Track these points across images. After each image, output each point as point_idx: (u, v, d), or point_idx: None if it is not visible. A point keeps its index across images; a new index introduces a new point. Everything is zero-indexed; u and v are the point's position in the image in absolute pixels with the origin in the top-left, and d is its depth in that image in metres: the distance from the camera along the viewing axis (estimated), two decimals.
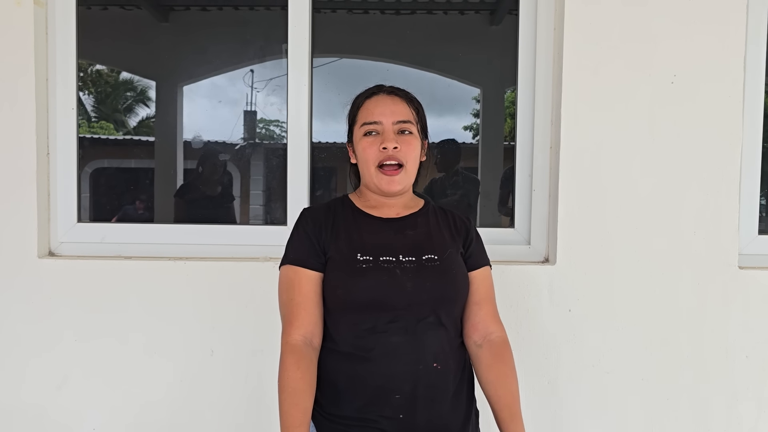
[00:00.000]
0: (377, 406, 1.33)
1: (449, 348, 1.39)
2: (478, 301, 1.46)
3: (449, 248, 1.43)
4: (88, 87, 3.96)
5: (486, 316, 1.46)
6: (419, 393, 1.33)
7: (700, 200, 1.94)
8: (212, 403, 1.99)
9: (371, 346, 1.33)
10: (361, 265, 1.35)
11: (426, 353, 1.34)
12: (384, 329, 1.33)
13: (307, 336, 1.35)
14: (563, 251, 1.95)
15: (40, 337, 1.98)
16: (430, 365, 1.34)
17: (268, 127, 3.78)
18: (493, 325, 1.46)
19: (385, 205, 1.48)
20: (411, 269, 1.36)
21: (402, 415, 1.32)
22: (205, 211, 3.15)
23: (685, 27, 1.92)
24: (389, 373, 1.33)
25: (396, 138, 1.41)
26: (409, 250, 1.39)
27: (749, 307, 1.97)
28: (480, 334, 1.44)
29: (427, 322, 1.35)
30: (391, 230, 1.44)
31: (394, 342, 1.33)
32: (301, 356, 1.33)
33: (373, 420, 1.33)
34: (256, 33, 3.29)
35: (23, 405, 1.99)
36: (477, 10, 3.47)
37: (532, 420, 1.98)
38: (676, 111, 1.93)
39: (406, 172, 1.43)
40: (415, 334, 1.34)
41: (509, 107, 3.35)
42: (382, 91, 1.47)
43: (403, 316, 1.34)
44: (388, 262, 1.36)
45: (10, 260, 1.96)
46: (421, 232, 1.45)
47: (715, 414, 1.99)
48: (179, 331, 1.99)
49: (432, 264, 1.38)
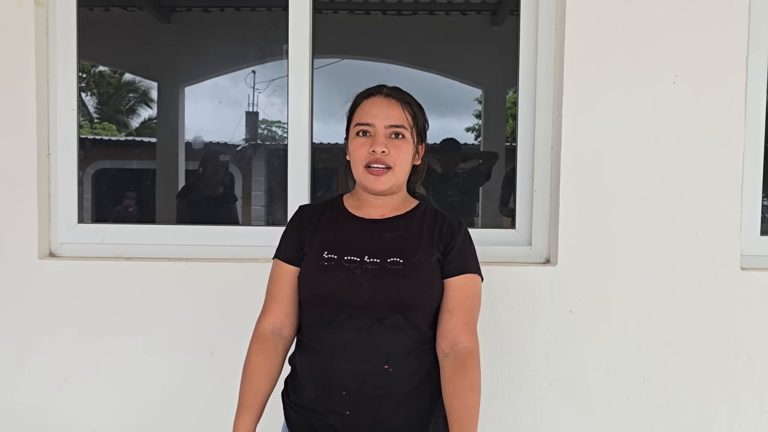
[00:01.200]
0: (327, 399, 1.36)
1: (407, 352, 1.37)
2: (451, 308, 1.41)
3: (419, 253, 1.41)
4: (90, 88, 3.97)
5: (456, 325, 1.39)
6: (366, 392, 1.34)
7: (702, 201, 1.94)
8: (212, 404, 1.99)
9: (325, 339, 1.37)
10: (324, 263, 1.40)
11: (377, 354, 1.35)
12: (338, 325, 1.36)
13: (276, 325, 1.44)
14: (564, 252, 1.95)
15: (40, 338, 1.98)
16: (380, 366, 1.35)
17: (270, 128, 3.78)
18: (463, 336, 1.38)
19: (372, 205, 1.49)
20: (371, 270, 1.37)
21: (348, 412, 1.35)
22: (207, 212, 3.15)
23: (686, 27, 1.91)
24: (337, 368, 1.36)
25: (386, 142, 1.41)
26: (376, 251, 1.40)
27: (751, 308, 1.96)
28: (448, 343, 1.38)
29: (384, 323, 1.35)
30: (368, 231, 1.45)
31: (345, 338, 1.35)
32: (265, 343, 1.43)
33: (322, 413, 1.37)
34: (257, 34, 3.29)
35: (23, 406, 1.99)
36: (478, 11, 3.46)
37: (532, 422, 1.98)
38: (677, 111, 1.92)
39: (394, 174, 1.43)
40: (369, 334, 1.35)
41: (511, 108, 3.35)
42: (381, 92, 1.47)
43: (359, 315, 1.35)
44: (350, 261, 1.39)
45: (11, 261, 1.97)
46: (398, 235, 1.44)
47: (717, 416, 1.98)
48: (179, 331, 1.99)
49: (394, 267, 1.38)
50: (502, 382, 1.96)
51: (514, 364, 1.96)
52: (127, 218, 3.34)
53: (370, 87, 1.50)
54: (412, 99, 1.49)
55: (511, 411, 1.97)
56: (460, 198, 3.01)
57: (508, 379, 1.97)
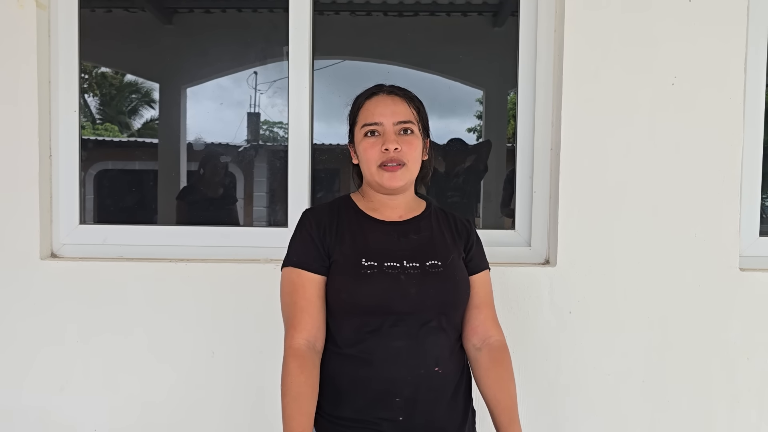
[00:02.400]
0: (378, 408, 1.34)
1: (450, 352, 1.40)
2: (478, 304, 1.47)
3: (452, 253, 1.44)
4: (92, 89, 3.98)
5: (486, 320, 1.46)
6: (420, 396, 1.34)
7: (701, 202, 1.94)
8: (214, 404, 1.99)
9: (373, 349, 1.34)
10: (366, 270, 1.36)
11: (428, 357, 1.35)
12: (387, 333, 1.34)
13: (310, 340, 1.35)
14: (564, 253, 1.95)
15: (42, 338, 1.99)
16: (431, 369, 1.35)
17: (272, 129, 3.79)
18: (493, 329, 1.47)
19: (388, 207, 1.48)
20: (415, 275, 1.37)
21: (401, 417, 1.34)
22: (208, 213, 3.15)
23: (685, 29, 1.92)
24: (391, 376, 1.33)
25: (397, 139, 1.41)
26: (412, 255, 1.40)
27: (750, 309, 1.97)
28: (479, 338, 1.45)
29: (430, 326, 1.36)
30: (395, 234, 1.44)
31: (397, 346, 1.34)
32: (305, 360, 1.33)
33: (373, 422, 1.34)
34: (258, 35, 3.30)
35: (25, 406, 2.00)
36: (479, 12, 3.46)
37: (532, 422, 1.98)
38: (676, 113, 1.93)
39: (408, 170, 1.43)
40: (417, 339, 1.35)
41: (512, 109, 3.36)
42: (382, 91, 1.47)
43: (406, 321, 1.35)
44: (392, 267, 1.37)
45: (13, 261, 1.97)
46: (425, 236, 1.45)
47: (717, 416, 1.99)
48: (181, 332, 1.99)
49: (435, 270, 1.39)
50: None
51: (514, 364, 1.95)
52: (140, 219, 3.34)
53: (369, 87, 1.50)
54: (414, 94, 1.50)
55: None
56: (460, 198, 3.01)
57: None
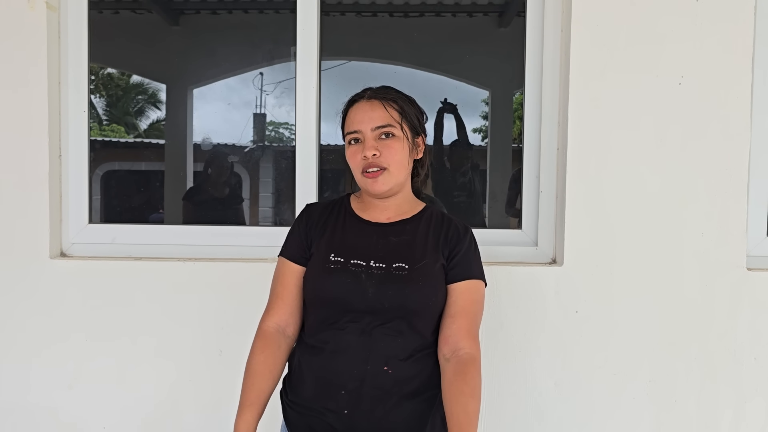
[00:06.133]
0: (324, 398, 1.38)
1: (407, 355, 1.38)
2: (453, 314, 1.42)
3: (425, 259, 1.42)
4: (99, 90, 4.00)
5: (458, 331, 1.39)
6: (365, 392, 1.35)
7: (708, 202, 1.94)
8: (221, 403, 2.00)
9: (327, 340, 1.39)
10: (330, 266, 1.41)
11: (378, 355, 1.36)
12: (342, 327, 1.38)
13: (280, 324, 1.45)
14: (570, 252, 1.95)
15: (51, 336, 2.00)
16: (380, 367, 1.36)
17: (278, 129, 3.81)
18: (464, 341, 1.38)
19: (377, 208, 1.50)
20: (377, 276, 1.38)
21: (347, 411, 1.36)
22: (214, 212, 3.17)
23: (692, 28, 1.92)
24: (337, 368, 1.37)
25: (376, 144, 1.42)
26: (383, 256, 1.41)
27: (757, 308, 1.96)
28: (449, 348, 1.39)
29: (387, 327, 1.37)
30: (375, 235, 1.46)
31: (348, 340, 1.37)
32: (268, 342, 1.44)
33: (319, 411, 1.38)
34: (265, 36, 3.31)
35: (34, 405, 2.01)
36: (485, 13, 3.47)
37: (539, 421, 1.99)
38: (683, 112, 1.93)
39: (390, 173, 1.43)
40: (371, 336, 1.36)
41: (518, 109, 3.35)
42: (363, 97, 1.47)
43: (363, 318, 1.37)
44: (356, 265, 1.40)
45: (23, 260, 1.99)
46: (405, 239, 1.45)
47: (723, 416, 1.98)
48: (189, 331, 2.00)
49: (399, 273, 1.39)
50: (508, 382, 1.97)
51: (520, 363, 1.97)
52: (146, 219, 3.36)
53: (355, 93, 1.50)
54: (398, 94, 1.48)
55: (517, 410, 1.98)
56: (465, 199, 3.02)
57: (514, 378, 1.97)
